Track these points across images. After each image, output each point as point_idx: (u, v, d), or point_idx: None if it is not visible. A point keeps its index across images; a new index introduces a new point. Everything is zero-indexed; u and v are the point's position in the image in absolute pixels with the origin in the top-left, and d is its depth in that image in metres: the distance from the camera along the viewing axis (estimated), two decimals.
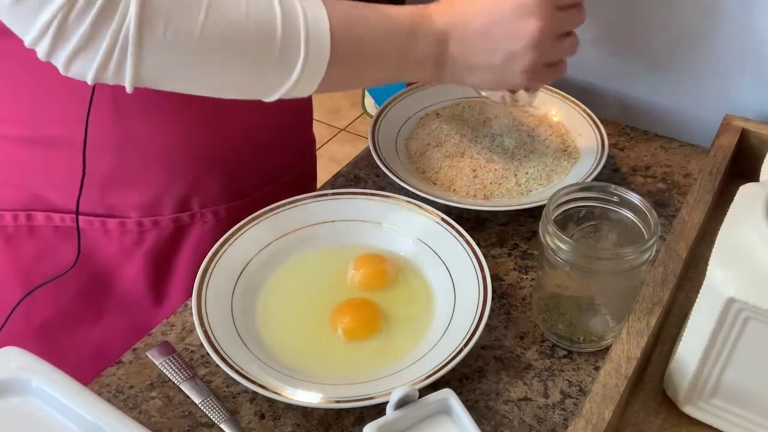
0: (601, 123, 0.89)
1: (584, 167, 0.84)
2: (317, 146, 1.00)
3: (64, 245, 0.79)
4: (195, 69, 0.58)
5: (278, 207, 0.76)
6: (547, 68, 0.72)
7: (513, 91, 0.78)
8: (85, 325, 0.82)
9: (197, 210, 0.80)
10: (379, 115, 0.92)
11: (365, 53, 0.65)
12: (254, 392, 0.63)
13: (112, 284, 0.81)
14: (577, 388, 0.66)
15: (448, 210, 0.79)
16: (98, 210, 0.77)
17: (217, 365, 0.63)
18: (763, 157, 0.72)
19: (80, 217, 0.77)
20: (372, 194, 0.79)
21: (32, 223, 0.78)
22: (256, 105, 0.64)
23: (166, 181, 0.77)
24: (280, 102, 0.70)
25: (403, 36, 0.67)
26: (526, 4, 0.67)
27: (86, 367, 0.81)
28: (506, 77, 0.71)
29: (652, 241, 0.61)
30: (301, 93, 0.63)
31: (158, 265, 0.81)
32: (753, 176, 0.72)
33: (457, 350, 0.63)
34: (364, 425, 0.55)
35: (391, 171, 0.83)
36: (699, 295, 0.56)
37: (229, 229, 0.80)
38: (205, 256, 0.80)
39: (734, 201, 0.58)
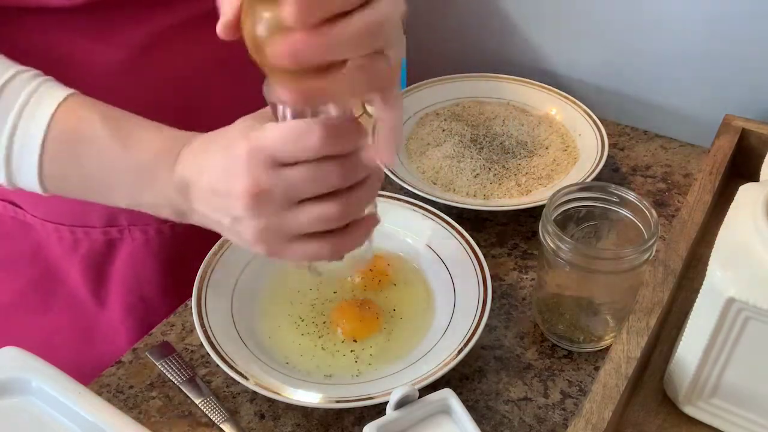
0: (601, 123, 0.89)
1: (584, 167, 0.84)
2: None
3: (21, 235, 0.79)
4: None
5: None
6: (294, 241, 0.53)
7: None
8: (34, 315, 0.83)
9: (126, 226, 0.78)
10: None
11: (81, 189, 0.59)
12: (254, 392, 0.63)
13: (59, 282, 0.81)
14: (577, 388, 0.66)
15: (448, 210, 0.79)
16: (36, 211, 0.78)
17: (217, 365, 0.63)
18: (763, 157, 0.72)
19: (27, 213, 0.78)
20: None
21: None
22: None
23: None
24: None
25: (132, 177, 0.56)
26: (235, 159, 0.51)
27: None
28: (244, 243, 0.55)
29: (652, 241, 0.61)
30: (32, 190, 0.59)
31: (95, 273, 0.80)
32: (753, 176, 0.72)
33: (457, 350, 0.63)
34: (364, 425, 0.55)
35: (391, 171, 0.83)
36: (699, 295, 0.56)
37: (163, 248, 0.79)
38: (138, 271, 0.79)
39: (734, 201, 0.58)
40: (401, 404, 0.56)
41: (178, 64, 0.71)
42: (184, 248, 0.75)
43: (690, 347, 0.58)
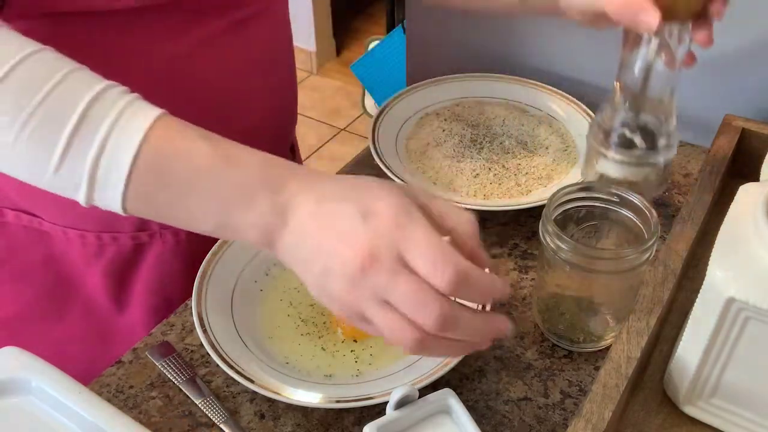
0: None
1: None
2: (317, 147, 1.00)
3: (33, 245, 0.79)
4: None
5: None
6: (364, 321, 0.51)
7: None
8: (48, 323, 0.83)
9: (157, 230, 0.78)
10: (379, 115, 0.92)
11: (165, 208, 0.54)
12: (254, 392, 0.63)
13: (76, 288, 0.81)
14: (577, 388, 0.66)
15: None
16: (58, 219, 0.77)
17: (217, 365, 0.63)
18: (763, 157, 0.72)
19: (44, 222, 0.78)
20: None
21: (4, 220, 0.79)
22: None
23: None
24: (254, 134, 0.68)
25: (230, 194, 0.52)
26: (369, 222, 0.49)
27: None
28: (320, 292, 0.51)
29: (652, 241, 0.61)
30: (108, 208, 0.54)
31: (118, 278, 0.80)
32: (753, 176, 0.71)
33: None
34: (364, 425, 0.55)
35: (391, 171, 0.83)
36: (699, 295, 0.56)
37: (191, 249, 0.79)
38: (165, 273, 0.79)
39: (734, 201, 0.58)
40: (401, 404, 0.56)
41: (218, 66, 0.73)
42: (212, 245, 0.74)
43: (690, 347, 0.58)
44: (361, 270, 0.48)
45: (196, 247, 0.79)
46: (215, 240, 0.72)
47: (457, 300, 0.50)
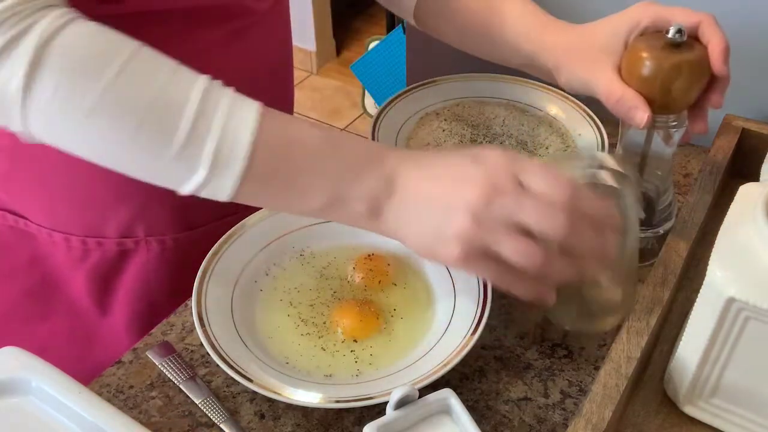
0: (601, 123, 0.89)
1: None
2: None
3: (19, 245, 0.79)
4: (82, 141, 0.55)
5: None
6: (487, 260, 0.57)
7: None
8: (32, 323, 0.83)
9: (142, 237, 0.78)
10: (379, 115, 0.92)
11: (278, 190, 0.58)
12: (254, 392, 0.63)
13: (60, 290, 0.81)
14: (577, 387, 0.66)
15: None
16: (44, 222, 0.78)
17: (217, 365, 0.63)
18: (763, 157, 0.72)
19: (30, 223, 0.78)
20: None
21: None
22: None
23: (111, 204, 0.76)
24: None
25: (342, 171, 0.58)
26: (485, 161, 0.57)
27: None
28: (441, 235, 0.56)
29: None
30: (214, 197, 0.57)
31: (102, 283, 0.81)
32: (753, 176, 0.72)
33: (457, 350, 0.63)
34: (364, 425, 0.55)
35: None
36: (699, 295, 0.56)
37: (176, 257, 0.80)
38: (150, 279, 0.80)
39: (734, 201, 0.58)
40: (401, 404, 0.56)
41: (217, 74, 0.74)
42: (197, 252, 0.75)
43: (690, 347, 0.58)
44: (486, 203, 0.54)
45: (181, 256, 0.80)
46: (202, 249, 0.72)
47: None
